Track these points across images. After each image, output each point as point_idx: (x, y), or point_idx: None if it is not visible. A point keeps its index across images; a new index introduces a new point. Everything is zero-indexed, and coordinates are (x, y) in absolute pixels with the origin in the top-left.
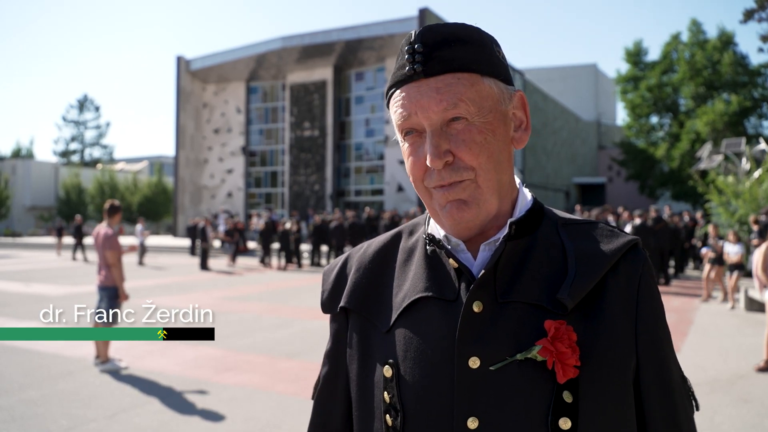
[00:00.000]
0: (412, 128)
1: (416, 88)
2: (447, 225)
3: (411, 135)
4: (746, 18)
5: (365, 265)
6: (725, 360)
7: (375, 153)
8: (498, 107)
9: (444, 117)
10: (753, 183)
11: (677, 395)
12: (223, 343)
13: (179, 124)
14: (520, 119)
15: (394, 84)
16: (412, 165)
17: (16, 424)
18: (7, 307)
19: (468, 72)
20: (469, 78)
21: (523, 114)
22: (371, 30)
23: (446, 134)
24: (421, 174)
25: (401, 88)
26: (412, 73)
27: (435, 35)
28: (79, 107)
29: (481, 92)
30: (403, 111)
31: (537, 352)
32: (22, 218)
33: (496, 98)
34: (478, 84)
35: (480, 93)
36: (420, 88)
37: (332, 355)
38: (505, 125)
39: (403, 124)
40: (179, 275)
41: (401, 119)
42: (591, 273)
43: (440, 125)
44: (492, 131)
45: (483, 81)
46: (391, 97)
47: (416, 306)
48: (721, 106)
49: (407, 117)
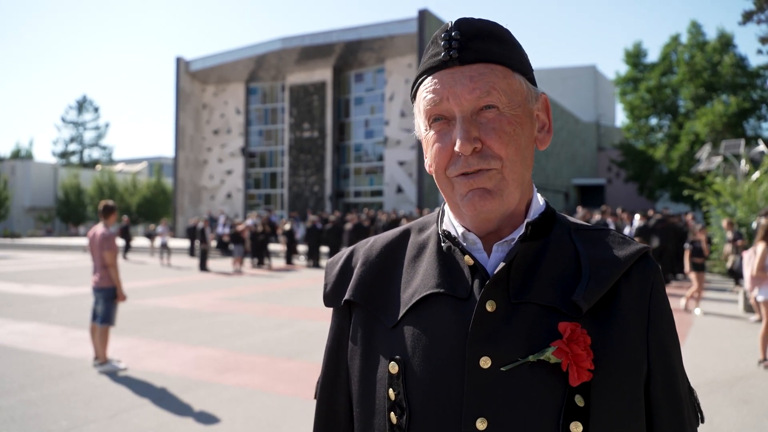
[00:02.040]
0: (441, 115)
1: (450, 75)
2: (467, 215)
3: (438, 122)
4: (745, 20)
5: (372, 259)
6: (724, 361)
7: (374, 154)
8: (526, 104)
9: (476, 105)
10: (751, 185)
11: (685, 407)
12: (223, 344)
13: (178, 125)
14: (543, 121)
15: (427, 70)
16: (437, 152)
17: (17, 424)
18: (7, 308)
19: (501, 65)
20: (501, 70)
21: (546, 117)
22: (371, 31)
23: (476, 122)
24: (446, 162)
25: (434, 74)
26: (447, 59)
27: (471, 27)
28: (78, 108)
29: (512, 85)
30: (435, 96)
31: (552, 354)
32: (21, 219)
33: (524, 95)
34: (509, 77)
35: (511, 86)
36: (454, 75)
37: (334, 351)
38: (531, 123)
39: (433, 110)
40: (178, 276)
41: (431, 104)
42: (605, 278)
43: (471, 113)
44: (521, 124)
45: (514, 76)
46: (421, 84)
47: (426, 302)
48: (720, 108)
49: (438, 102)
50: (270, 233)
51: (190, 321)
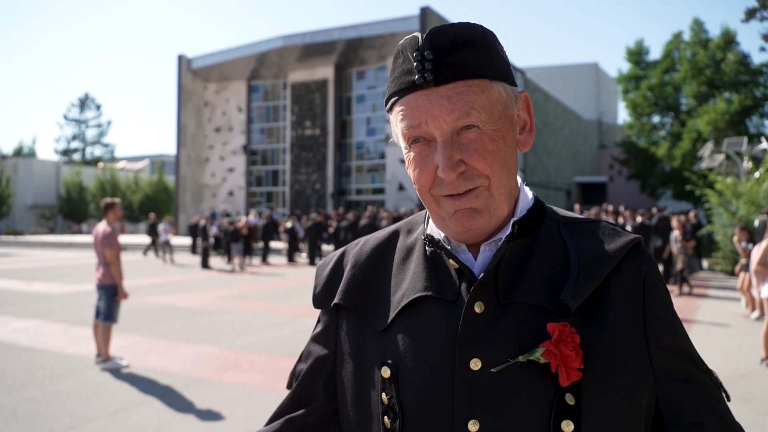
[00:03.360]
0: (421, 136)
1: (426, 97)
2: (454, 232)
3: (418, 143)
4: (748, 17)
5: (361, 262)
6: (726, 359)
7: (376, 152)
8: (506, 112)
9: (455, 126)
10: (753, 183)
11: (711, 384)
12: (223, 342)
13: (180, 122)
14: (524, 120)
15: (399, 91)
16: (419, 174)
17: (18, 422)
18: (9, 306)
19: (478, 78)
20: (479, 84)
21: (527, 115)
22: (372, 29)
23: (458, 144)
24: (429, 183)
25: (408, 96)
26: (422, 82)
27: (443, 39)
28: (80, 106)
29: (491, 98)
30: (412, 121)
31: (540, 355)
32: (23, 217)
33: (504, 103)
34: (488, 90)
35: (490, 99)
36: (430, 97)
37: (320, 340)
38: (513, 130)
39: (411, 133)
40: (180, 274)
41: (409, 128)
42: (594, 274)
43: (451, 134)
44: (503, 138)
45: (492, 86)
46: (395, 104)
47: (415, 306)
48: (723, 106)
49: (416, 126)
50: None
51: (191, 319)
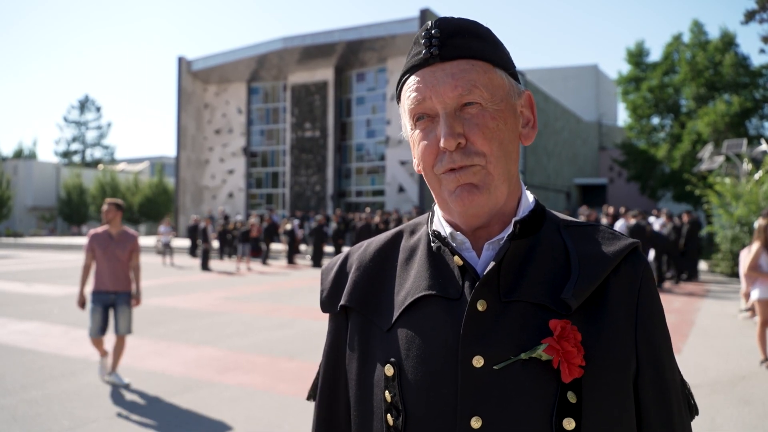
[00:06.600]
0: (425, 113)
1: (431, 73)
2: (456, 211)
3: (423, 120)
4: (747, 19)
5: (366, 264)
6: (726, 361)
7: (376, 154)
8: (508, 98)
9: (458, 102)
10: (753, 184)
11: (674, 400)
12: (224, 344)
13: (180, 124)
14: (528, 117)
15: (409, 69)
16: (423, 150)
17: (18, 424)
18: (9, 307)
19: (482, 60)
20: (482, 66)
21: (531, 113)
22: (372, 31)
23: (460, 118)
24: (432, 159)
25: (416, 73)
26: (428, 57)
27: (451, 25)
28: (80, 108)
29: (493, 80)
30: (418, 95)
31: (543, 351)
32: (23, 218)
33: (506, 89)
34: (490, 72)
35: (492, 81)
36: (435, 73)
37: (332, 353)
38: (515, 117)
39: (416, 108)
40: (180, 275)
41: (415, 103)
42: (594, 274)
43: (454, 109)
44: (504, 119)
45: (495, 71)
46: (405, 83)
47: (419, 304)
48: (723, 107)
49: (421, 101)
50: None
51: (192, 320)
